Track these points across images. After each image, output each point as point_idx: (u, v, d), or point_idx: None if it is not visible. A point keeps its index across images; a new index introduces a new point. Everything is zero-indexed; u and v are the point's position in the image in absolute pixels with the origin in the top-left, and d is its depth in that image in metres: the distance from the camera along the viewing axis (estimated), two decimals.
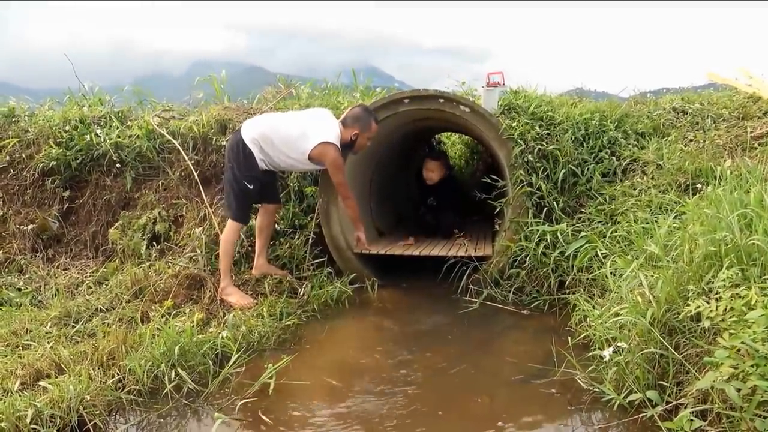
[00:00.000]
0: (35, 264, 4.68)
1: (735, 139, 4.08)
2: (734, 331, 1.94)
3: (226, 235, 3.97)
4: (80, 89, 5.82)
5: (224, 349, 3.05)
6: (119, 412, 2.58)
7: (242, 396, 2.66)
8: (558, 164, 4.10)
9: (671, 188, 3.71)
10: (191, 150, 4.85)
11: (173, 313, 3.51)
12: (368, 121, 4.09)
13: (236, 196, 3.96)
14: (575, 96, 5.43)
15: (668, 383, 2.27)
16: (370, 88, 5.98)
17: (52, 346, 3.02)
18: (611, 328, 2.65)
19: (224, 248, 3.95)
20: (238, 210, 3.98)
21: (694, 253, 2.48)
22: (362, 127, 4.06)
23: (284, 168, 4.18)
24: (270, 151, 3.92)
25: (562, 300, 3.68)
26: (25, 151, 5.14)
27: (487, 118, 4.18)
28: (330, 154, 3.88)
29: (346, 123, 4.07)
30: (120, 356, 2.86)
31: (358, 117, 4.08)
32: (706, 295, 2.25)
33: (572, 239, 3.75)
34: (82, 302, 3.76)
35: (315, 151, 3.87)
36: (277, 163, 4.00)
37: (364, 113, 4.09)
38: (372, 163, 5.15)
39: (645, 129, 4.51)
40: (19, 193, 5.11)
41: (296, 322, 3.65)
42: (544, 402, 2.58)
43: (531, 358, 2.98)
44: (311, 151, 3.87)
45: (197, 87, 5.87)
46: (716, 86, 5.59)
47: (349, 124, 4.06)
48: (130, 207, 4.93)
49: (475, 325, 3.65)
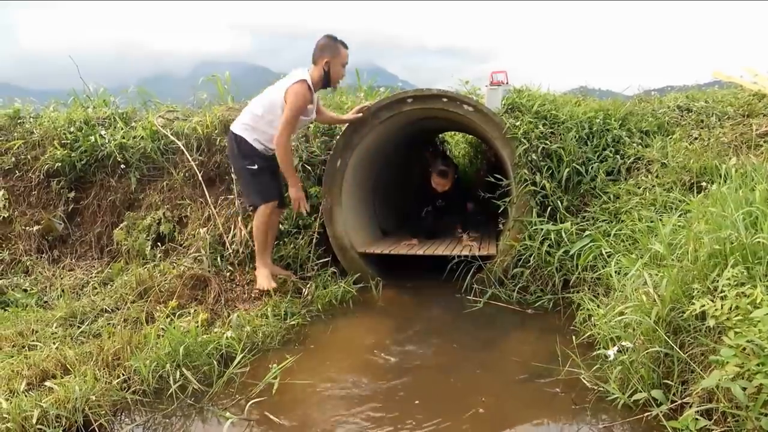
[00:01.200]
0: (41, 265, 4.71)
1: (740, 137, 4.06)
2: (740, 329, 1.93)
3: (254, 222, 4.00)
4: (85, 90, 5.85)
5: (229, 349, 3.06)
6: (124, 412, 2.59)
7: (248, 396, 2.67)
8: (562, 163, 4.09)
9: (676, 186, 3.70)
10: (195, 151, 4.86)
11: (178, 313, 3.52)
12: (335, 46, 3.94)
13: (246, 182, 4.02)
14: (579, 94, 5.41)
15: (673, 382, 2.26)
16: (374, 88, 5.98)
17: (58, 347, 3.03)
18: (616, 327, 2.64)
19: (255, 234, 4.00)
20: (254, 194, 4.00)
21: (699, 251, 2.47)
22: (331, 53, 3.92)
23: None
24: (261, 126, 3.90)
25: (566, 299, 3.67)
26: (30, 153, 5.16)
27: (490, 117, 4.18)
28: (293, 87, 3.77)
29: (314, 59, 3.95)
30: (125, 356, 2.87)
31: (324, 46, 3.94)
32: (711, 294, 2.24)
33: (576, 238, 3.75)
34: (88, 303, 3.78)
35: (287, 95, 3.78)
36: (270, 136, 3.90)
37: (329, 40, 3.94)
38: (376, 163, 5.15)
39: (649, 127, 4.50)
40: (24, 195, 5.13)
41: (300, 322, 3.66)
42: (548, 401, 2.58)
43: (535, 357, 2.97)
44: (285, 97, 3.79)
45: (201, 87, 5.88)
46: (721, 84, 5.56)
47: (317, 57, 3.94)
48: (135, 208, 4.94)
49: (480, 325, 3.65)
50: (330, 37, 3.97)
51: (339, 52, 3.95)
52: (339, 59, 3.96)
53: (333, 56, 3.92)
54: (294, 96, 3.77)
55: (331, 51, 3.92)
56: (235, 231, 4.41)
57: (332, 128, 4.84)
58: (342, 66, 4.00)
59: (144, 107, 5.73)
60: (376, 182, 5.37)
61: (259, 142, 3.94)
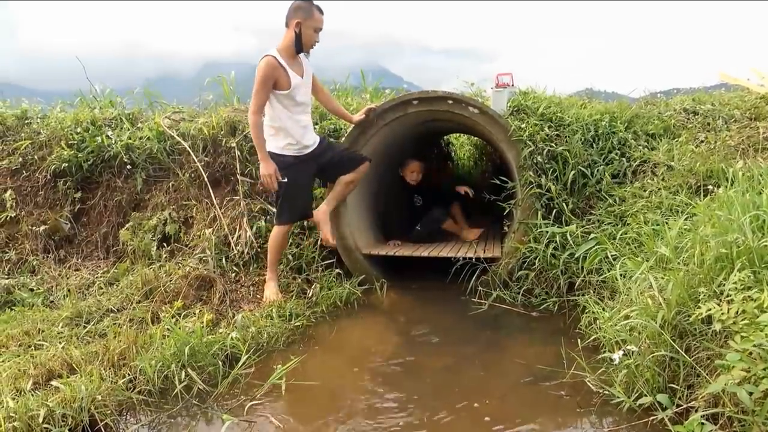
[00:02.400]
0: (47, 265, 4.73)
1: (747, 140, 4.04)
2: (746, 334, 1.92)
3: (271, 236, 4.00)
4: (91, 91, 5.87)
5: (234, 349, 3.06)
6: (130, 412, 2.60)
7: (252, 397, 2.68)
8: (567, 165, 4.08)
9: (682, 190, 3.69)
10: (201, 152, 4.87)
11: (183, 313, 3.53)
12: (309, 8, 3.70)
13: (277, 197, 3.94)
14: (585, 97, 5.40)
15: (679, 386, 2.26)
16: (379, 90, 5.98)
17: (64, 346, 3.05)
18: (621, 330, 2.63)
19: (270, 248, 3.98)
20: (280, 210, 3.98)
21: (705, 255, 2.46)
22: (304, 15, 3.68)
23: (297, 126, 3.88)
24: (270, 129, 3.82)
25: (571, 302, 3.67)
26: (37, 153, 5.18)
27: (496, 119, 4.18)
28: (259, 63, 3.65)
29: (286, 22, 3.74)
30: (131, 356, 2.89)
31: (297, 7, 3.70)
32: (717, 298, 2.24)
33: (582, 241, 3.74)
34: (93, 303, 3.79)
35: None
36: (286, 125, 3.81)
37: (302, 2, 3.71)
38: (382, 164, 5.15)
39: (655, 130, 4.48)
40: (31, 195, 5.16)
41: (305, 323, 3.66)
42: (553, 404, 2.57)
43: (540, 360, 2.97)
44: None
45: (207, 88, 5.90)
46: (727, 86, 5.54)
47: (289, 18, 3.71)
48: (141, 208, 4.96)
49: (484, 327, 3.64)
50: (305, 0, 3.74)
51: (312, 14, 3.71)
52: (311, 22, 3.72)
53: (305, 18, 3.68)
54: (259, 70, 3.64)
55: (305, 13, 3.69)
56: (241, 232, 4.42)
57: (337, 130, 4.85)
58: (315, 31, 3.75)
59: (150, 108, 5.76)
60: (381, 184, 5.37)
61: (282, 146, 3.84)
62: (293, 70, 3.78)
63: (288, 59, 3.77)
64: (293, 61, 3.81)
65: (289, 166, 3.86)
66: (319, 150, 4.04)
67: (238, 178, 4.66)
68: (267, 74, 3.65)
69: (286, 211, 3.95)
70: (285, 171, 3.83)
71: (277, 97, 3.75)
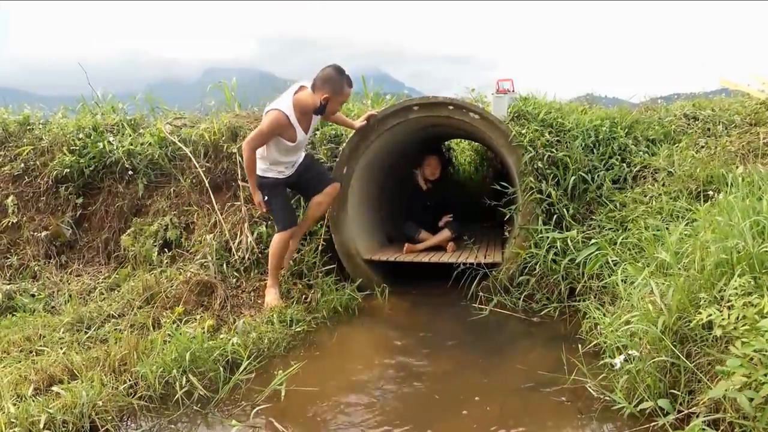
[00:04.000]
0: (48, 270, 4.73)
1: (747, 146, 4.05)
2: (747, 339, 1.92)
3: (272, 245, 4.04)
4: (93, 97, 5.89)
5: (234, 355, 3.06)
6: (131, 417, 2.60)
7: (254, 402, 2.68)
8: (568, 171, 4.09)
9: (682, 195, 3.69)
10: (202, 157, 4.89)
11: (184, 319, 3.53)
12: (340, 82, 3.77)
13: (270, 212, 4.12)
14: (585, 102, 5.41)
15: (680, 392, 2.25)
16: (380, 95, 6.00)
17: (65, 352, 3.05)
18: (622, 336, 2.63)
19: (270, 256, 4.02)
20: (276, 222, 4.09)
21: (705, 260, 2.46)
22: (333, 89, 3.75)
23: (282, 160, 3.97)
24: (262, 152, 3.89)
25: (572, 307, 3.67)
26: (39, 159, 5.20)
27: (496, 124, 4.19)
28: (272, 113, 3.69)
29: (315, 86, 3.78)
30: (132, 362, 2.88)
31: (328, 78, 3.75)
32: (717, 303, 2.24)
33: (582, 246, 3.74)
34: (95, 308, 3.79)
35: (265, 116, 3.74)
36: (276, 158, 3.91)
37: (335, 74, 3.77)
38: (383, 170, 5.17)
39: (656, 135, 4.49)
40: (33, 200, 5.17)
41: (306, 328, 3.66)
42: (554, 410, 2.57)
43: (541, 366, 2.97)
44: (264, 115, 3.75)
45: (209, 94, 5.91)
46: (728, 92, 5.55)
47: (318, 86, 3.77)
48: (142, 214, 4.97)
49: (485, 332, 3.64)
50: (337, 70, 3.79)
51: (342, 90, 3.80)
52: (340, 97, 3.84)
53: (334, 93, 3.76)
54: (269, 121, 3.70)
55: (333, 87, 3.76)
56: (242, 237, 4.43)
57: (338, 135, 4.86)
58: (340, 104, 3.94)
59: (152, 114, 5.77)
60: (383, 189, 5.38)
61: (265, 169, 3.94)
62: (301, 126, 3.85)
63: (300, 116, 3.81)
64: (303, 118, 3.85)
65: (272, 185, 3.98)
66: (301, 167, 4.10)
67: (239, 184, 4.67)
68: (273, 130, 3.74)
69: (281, 220, 4.04)
70: (270, 190, 3.97)
71: (276, 142, 3.82)
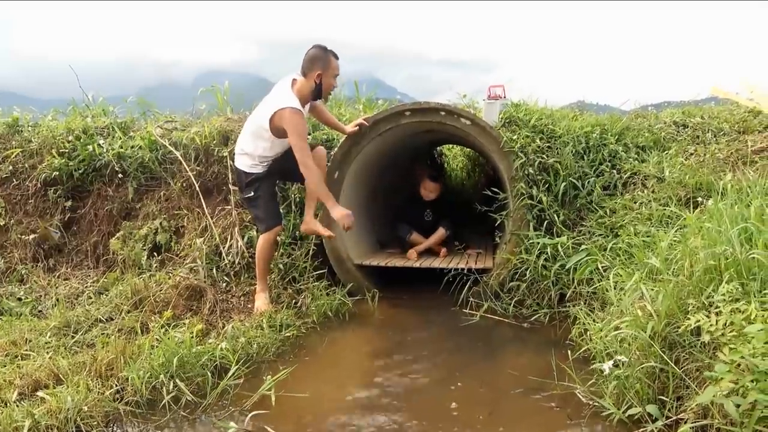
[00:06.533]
0: (36, 273, 4.69)
1: (736, 153, 4.09)
2: (734, 345, 1.93)
3: (257, 247, 4.01)
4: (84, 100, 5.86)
5: (223, 360, 3.04)
6: (117, 423, 2.57)
7: (242, 408, 2.66)
8: (559, 177, 4.10)
9: (672, 202, 3.71)
10: (193, 161, 4.87)
11: (173, 323, 3.50)
12: (325, 57, 3.79)
13: (250, 211, 4.15)
14: (576, 109, 5.44)
15: (668, 398, 2.26)
16: (373, 100, 6.00)
17: (51, 357, 3.01)
18: (612, 341, 2.64)
19: (257, 259, 4.00)
20: (258, 222, 4.07)
21: (694, 267, 2.47)
22: (323, 65, 3.76)
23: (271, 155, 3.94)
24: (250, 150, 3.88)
25: (562, 313, 3.67)
26: (28, 161, 5.16)
27: (488, 130, 4.20)
28: (286, 116, 3.64)
29: (305, 71, 3.80)
30: (119, 367, 2.85)
31: (315, 58, 3.78)
32: (706, 310, 2.25)
33: (573, 252, 3.75)
34: (82, 312, 3.76)
35: (273, 122, 3.70)
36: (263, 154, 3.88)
37: (319, 51, 3.79)
38: (375, 175, 5.16)
39: (646, 142, 4.53)
40: (21, 203, 5.13)
41: (296, 333, 3.64)
42: (543, 416, 2.56)
43: (531, 372, 2.96)
44: (269, 124, 3.71)
45: (201, 98, 5.90)
46: (717, 100, 5.61)
47: (308, 69, 3.79)
48: (132, 217, 4.94)
49: (476, 338, 3.64)
50: (320, 48, 3.82)
51: (330, 63, 3.81)
52: (330, 71, 3.82)
53: (324, 69, 3.78)
54: (294, 125, 3.65)
55: (323, 63, 3.78)
56: (232, 242, 4.41)
57: (330, 140, 4.85)
58: (333, 77, 3.88)
59: (143, 117, 5.75)
60: (375, 194, 5.38)
61: (252, 165, 3.91)
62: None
63: (303, 101, 3.83)
64: (304, 108, 3.88)
65: (257, 179, 3.94)
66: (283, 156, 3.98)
67: (230, 188, 4.65)
68: (304, 127, 3.72)
69: (265, 219, 3.98)
70: (257, 184, 3.93)
71: (273, 142, 3.80)
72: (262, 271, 3.99)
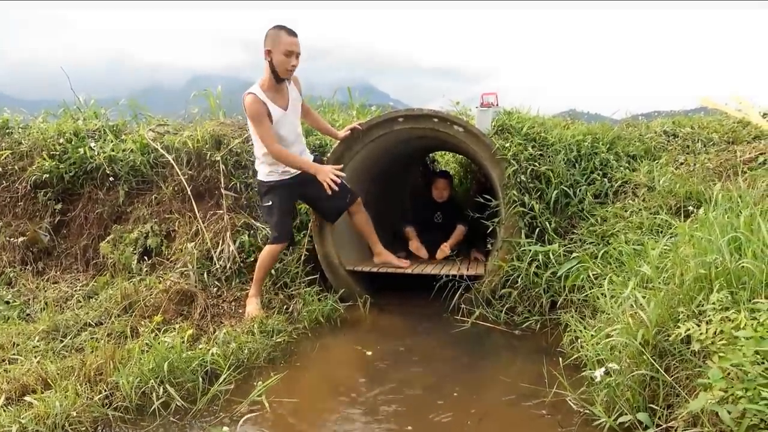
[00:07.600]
0: (25, 277, 4.64)
1: (725, 163, 4.12)
2: (723, 354, 1.94)
3: (261, 255, 4.03)
4: (75, 102, 5.83)
5: (214, 365, 3.02)
6: (106, 428, 2.55)
7: (232, 414, 2.64)
8: (550, 185, 4.13)
9: (662, 210, 3.74)
10: (185, 165, 4.85)
11: (163, 328, 3.48)
12: (275, 33, 3.64)
13: (265, 217, 4.22)
14: (568, 118, 5.48)
15: (659, 406, 2.27)
16: (366, 107, 6.02)
17: (39, 361, 2.98)
18: (603, 349, 2.65)
19: (258, 267, 4.02)
20: (271, 228, 4.10)
21: (685, 275, 2.49)
22: (271, 43, 3.64)
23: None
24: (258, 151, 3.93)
25: (553, 320, 3.68)
26: (17, 164, 5.12)
27: (480, 138, 4.22)
28: (245, 103, 3.67)
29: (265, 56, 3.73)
30: (108, 372, 2.83)
31: (266, 37, 3.67)
32: (696, 318, 2.26)
33: (564, 260, 3.77)
34: (71, 316, 3.72)
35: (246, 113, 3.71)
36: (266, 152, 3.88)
37: (271, 30, 3.67)
38: (367, 181, 5.16)
39: (636, 151, 4.56)
40: (10, 206, 5.08)
41: (287, 339, 3.63)
42: (534, 423, 2.57)
43: (522, 379, 2.97)
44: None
45: (193, 102, 5.89)
46: (707, 110, 5.66)
47: (264, 51, 3.70)
48: (122, 221, 4.90)
49: (467, 345, 3.64)
50: (274, 27, 3.68)
51: (279, 39, 3.63)
52: (280, 47, 3.63)
53: (273, 45, 3.63)
54: (247, 110, 3.69)
55: (272, 40, 3.64)
56: (223, 246, 4.39)
57: (323, 145, 4.86)
58: (286, 55, 3.65)
59: (135, 120, 5.72)
60: (367, 200, 5.37)
61: (269, 172, 3.95)
62: (276, 103, 3.80)
63: (270, 92, 3.78)
64: (277, 94, 3.81)
65: (271, 189, 3.97)
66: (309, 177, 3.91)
67: (222, 192, 4.64)
68: (256, 110, 3.68)
69: (278, 232, 4.01)
70: (270, 194, 3.97)
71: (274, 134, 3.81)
72: (259, 278, 4.00)
